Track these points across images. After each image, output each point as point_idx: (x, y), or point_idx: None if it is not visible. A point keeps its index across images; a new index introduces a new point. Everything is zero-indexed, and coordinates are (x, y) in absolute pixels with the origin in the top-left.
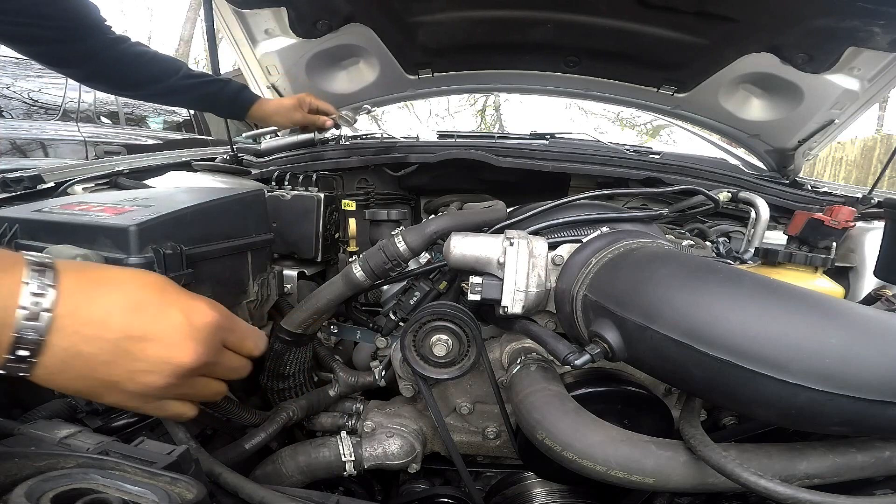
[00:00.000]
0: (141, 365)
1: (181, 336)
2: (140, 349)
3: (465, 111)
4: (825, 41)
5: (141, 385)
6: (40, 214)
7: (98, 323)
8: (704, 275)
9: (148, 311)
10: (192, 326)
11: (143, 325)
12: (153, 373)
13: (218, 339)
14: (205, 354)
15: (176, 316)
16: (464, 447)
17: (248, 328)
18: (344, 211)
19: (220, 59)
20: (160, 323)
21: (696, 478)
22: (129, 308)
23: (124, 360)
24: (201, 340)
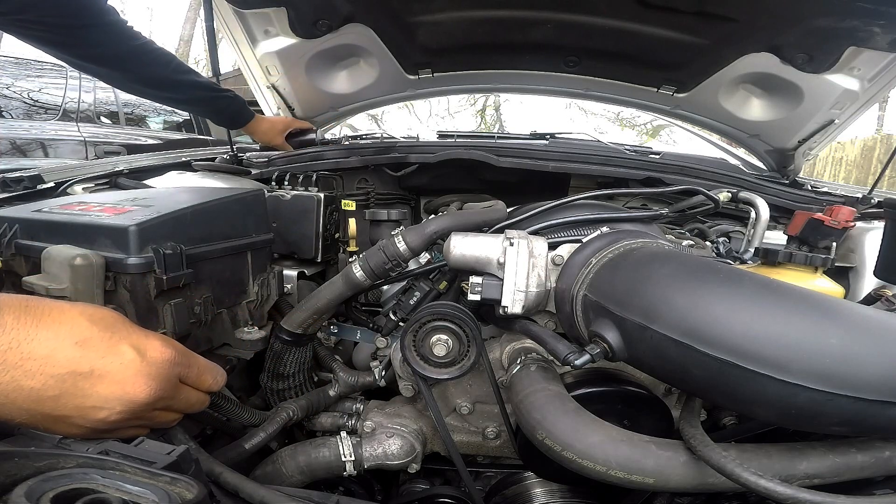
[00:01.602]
0: (91, 401)
1: (133, 372)
2: (89, 385)
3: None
4: (825, 41)
5: (92, 421)
6: (40, 214)
7: (42, 358)
8: (704, 275)
9: (97, 346)
10: (145, 362)
11: (91, 361)
12: (104, 409)
13: (173, 375)
14: (159, 391)
15: (127, 352)
16: (464, 447)
17: (205, 364)
18: (344, 211)
19: (220, 59)
20: (110, 359)
21: (696, 478)
22: (76, 343)
23: (72, 396)
24: (155, 377)
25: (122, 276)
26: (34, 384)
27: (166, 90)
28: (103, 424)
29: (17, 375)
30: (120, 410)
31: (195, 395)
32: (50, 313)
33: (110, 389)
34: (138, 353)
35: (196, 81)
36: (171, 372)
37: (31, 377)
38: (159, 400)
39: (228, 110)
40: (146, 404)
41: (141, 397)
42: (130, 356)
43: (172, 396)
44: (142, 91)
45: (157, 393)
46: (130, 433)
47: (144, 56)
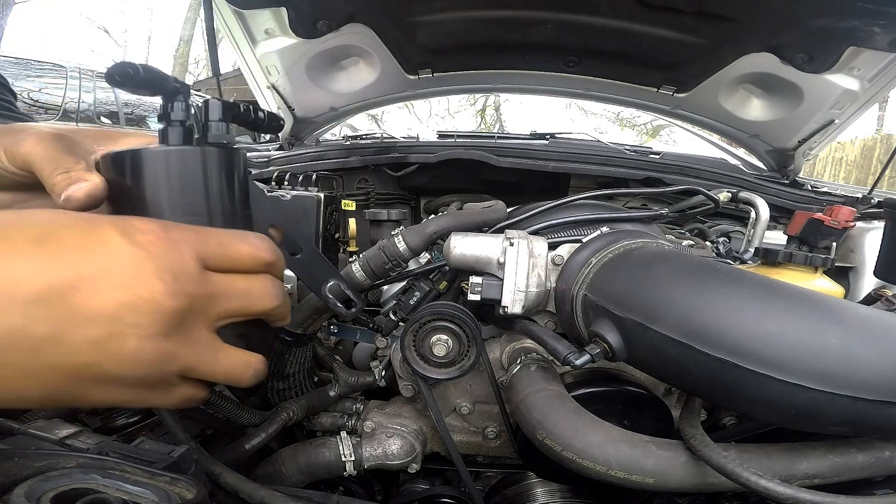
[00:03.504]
0: (100, 327)
1: (131, 262)
2: (86, 300)
3: (465, 111)
4: (825, 41)
5: (124, 362)
6: None
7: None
8: (704, 275)
9: (65, 239)
10: (137, 246)
11: (70, 262)
12: (128, 334)
13: (187, 256)
14: (181, 281)
15: (111, 236)
16: (464, 447)
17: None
18: (344, 211)
19: (220, 59)
20: (92, 252)
21: (696, 478)
22: (40, 243)
23: (72, 325)
24: (161, 262)
25: None
26: (16, 321)
27: None
28: (145, 365)
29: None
30: (149, 329)
31: (244, 281)
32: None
33: (114, 297)
34: (124, 235)
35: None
36: (180, 252)
37: (5, 311)
38: (193, 298)
39: None
40: (176, 309)
41: (163, 296)
42: (117, 241)
43: (208, 291)
44: None
45: (182, 285)
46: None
47: None
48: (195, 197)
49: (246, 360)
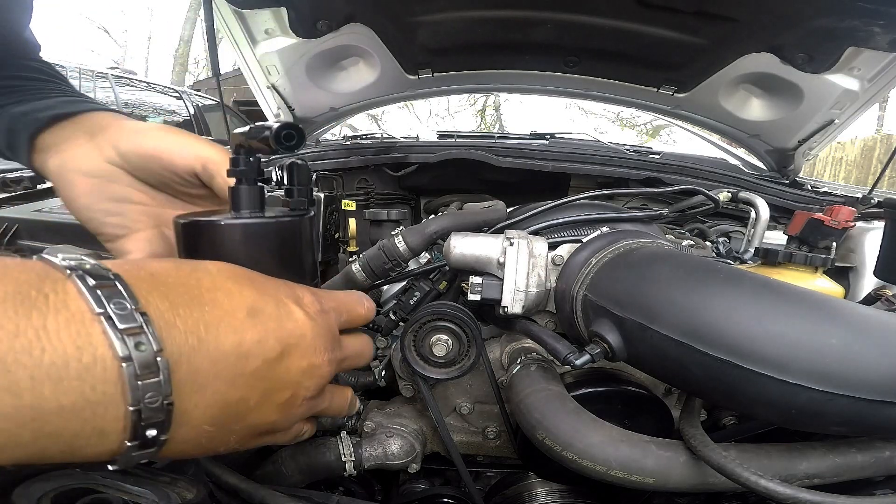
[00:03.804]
0: (287, 393)
1: (309, 335)
2: (284, 371)
3: (465, 111)
4: (825, 41)
5: (290, 420)
6: (40, 214)
7: (233, 353)
8: (704, 275)
9: (270, 314)
10: (309, 318)
11: (278, 337)
12: (298, 396)
13: (335, 325)
14: (335, 349)
15: (295, 310)
16: (464, 447)
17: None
18: (344, 211)
19: (220, 59)
20: (286, 326)
21: (696, 478)
22: (252, 317)
23: (272, 393)
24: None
25: None
26: (240, 394)
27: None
28: (297, 418)
29: (219, 388)
30: (313, 391)
31: (357, 342)
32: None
33: (299, 366)
34: (299, 306)
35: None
36: (331, 323)
37: (234, 385)
38: (337, 363)
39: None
40: (329, 374)
41: (326, 363)
42: (300, 316)
43: (343, 355)
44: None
45: (334, 353)
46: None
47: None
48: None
49: (346, 397)
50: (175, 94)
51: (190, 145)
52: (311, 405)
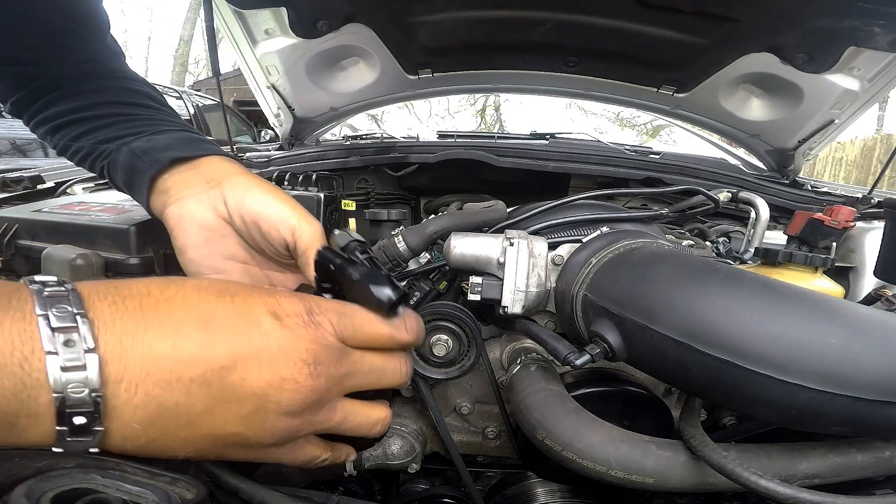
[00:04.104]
0: (249, 404)
1: (278, 346)
2: (239, 381)
3: (465, 111)
4: (825, 41)
5: (265, 433)
6: (40, 214)
7: (169, 357)
8: (704, 275)
9: (225, 322)
10: (286, 328)
11: (228, 344)
12: (269, 412)
13: (329, 337)
14: (323, 363)
15: (264, 319)
16: (464, 447)
17: (369, 315)
18: (344, 211)
19: (220, 59)
20: (247, 335)
21: (696, 478)
22: (198, 323)
23: (226, 402)
24: (308, 344)
25: (123, 277)
26: (177, 398)
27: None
28: (280, 434)
29: (150, 390)
30: (288, 407)
31: (380, 360)
32: (148, 290)
33: (262, 377)
34: (275, 317)
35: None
36: (323, 333)
37: (169, 388)
38: (330, 379)
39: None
40: (313, 389)
41: (304, 378)
42: (269, 323)
43: (346, 371)
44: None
45: (321, 367)
46: (309, 452)
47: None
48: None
49: (374, 418)
50: (175, 94)
51: (287, 217)
52: (301, 423)
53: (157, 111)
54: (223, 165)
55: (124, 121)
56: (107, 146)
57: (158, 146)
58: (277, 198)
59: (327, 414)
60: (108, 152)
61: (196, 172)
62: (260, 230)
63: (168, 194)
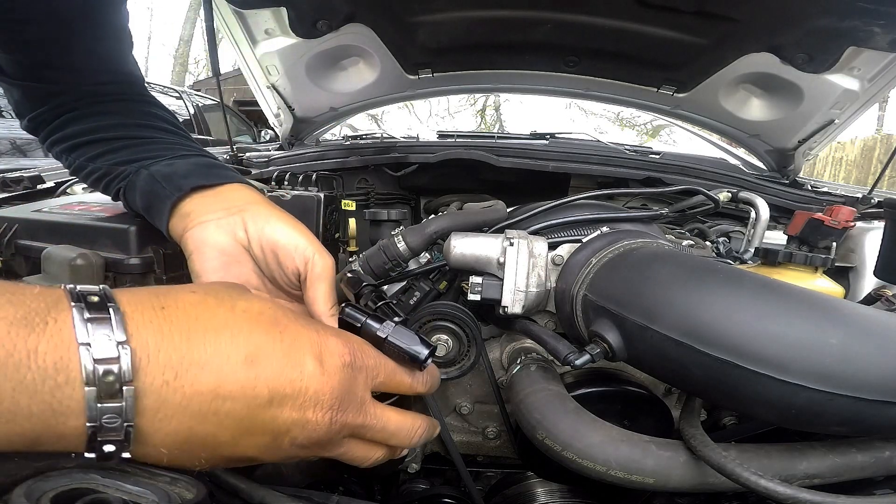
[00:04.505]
0: (269, 437)
1: (313, 391)
2: (269, 418)
3: (465, 111)
4: (825, 41)
5: (273, 456)
6: (40, 214)
7: (209, 392)
8: (704, 275)
9: (271, 359)
10: (326, 375)
11: (269, 383)
12: (283, 444)
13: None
14: (347, 411)
15: (308, 363)
16: (464, 447)
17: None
18: (344, 211)
19: (220, 59)
20: (288, 375)
21: (696, 478)
22: (246, 359)
23: (251, 435)
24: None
25: (123, 277)
26: (209, 430)
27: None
28: (285, 456)
29: (185, 421)
30: (301, 441)
31: (394, 420)
32: (197, 314)
33: (291, 417)
34: (318, 361)
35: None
36: (356, 383)
37: (204, 420)
38: (344, 426)
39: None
40: (329, 432)
41: (325, 423)
42: (311, 369)
43: (361, 422)
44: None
45: (342, 415)
46: (358, 453)
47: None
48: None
49: (368, 457)
50: (175, 94)
51: (304, 248)
52: (306, 450)
53: (174, 135)
54: (244, 193)
55: (142, 144)
56: (124, 168)
57: (179, 172)
58: (296, 229)
59: (331, 448)
60: (124, 175)
61: (217, 199)
62: (277, 258)
63: (189, 218)
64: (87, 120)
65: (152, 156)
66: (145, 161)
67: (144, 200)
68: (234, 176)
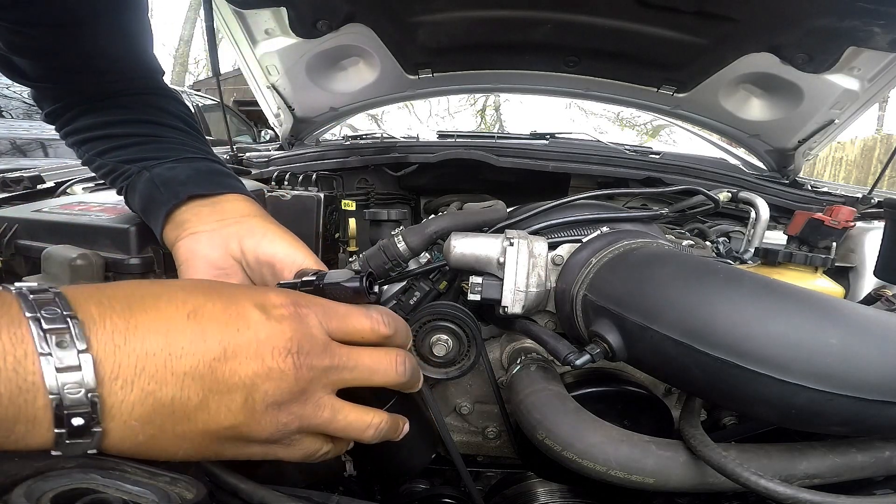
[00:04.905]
0: (240, 396)
1: (265, 337)
2: (229, 372)
3: (465, 111)
4: (825, 41)
5: (258, 427)
6: (40, 214)
7: (161, 353)
8: (704, 275)
9: (213, 315)
10: (273, 320)
11: (218, 336)
12: (257, 400)
13: (312, 326)
14: (306, 353)
15: (251, 312)
16: (464, 447)
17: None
18: (344, 211)
19: (220, 59)
20: (234, 326)
21: (696, 478)
22: (189, 318)
23: (219, 395)
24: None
25: (122, 277)
26: (172, 393)
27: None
28: (271, 427)
29: (146, 386)
30: (275, 396)
31: (368, 355)
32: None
33: (250, 368)
34: (261, 309)
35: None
36: (307, 324)
37: (163, 383)
38: (314, 369)
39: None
40: (298, 379)
41: (290, 368)
42: (256, 316)
43: (330, 363)
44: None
45: (305, 357)
46: (309, 446)
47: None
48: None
49: (363, 420)
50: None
51: (300, 259)
52: (290, 415)
53: (185, 133)
54: (240, 205)
55: (148, 142)
56: (128, 167)
57: (178, 178)
58: (293, 243)
59: (314, 409)
60: (128, 174)
61: (213, 209)
62: (273, 270)
63: (182, 227)
64: (99, 114)
65: (157, 156)
66: (149, 161)
67: (142, 204)
68: (232, 185)
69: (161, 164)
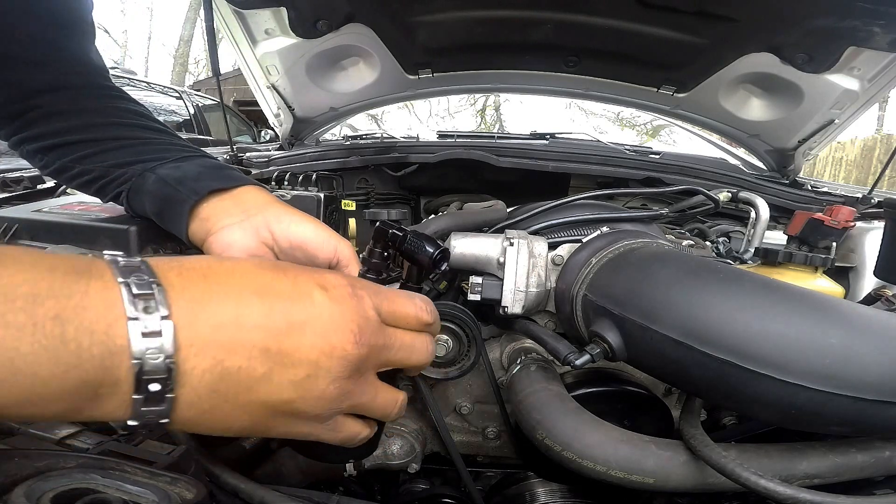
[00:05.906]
0: (302, 370)
1: (328, 315)
2: (293, 347)
3: (465, 111)
4: (825, 41)
5: (314, 401)
6: (40, 214)
7: (232, 324)
8: (704, 275)
9: (280, 291)
10: (335, 301)
11: (284, 311)
12: (320, 377)
13: (369, 310)
14: (365, 334)
15: (314, 291)
16: (464, 447)
17: (398, 293)
18: (344, 211)
19: (220, 59)
20: (300, 304)
21: (696, 478)
22: (256, 293)
23: (282, 367)
24: (352, 316)
25: None
26: (240, 363)
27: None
28: (326, 403)
29: (217, 355)
30: (337, 373)
31: (409, 337)
32: (208, 263)
33: (315, 344)
34: (323, 290)
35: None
36: (364, 305)
37: (232, 353)
38: (371, 348)
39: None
40: (358, 357)
41: (351, 345)
42: (319, 296)
43: (383, 343)
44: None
45: (364, 337)
46: (350, 428)
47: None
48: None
49: (394, 398)
50: (175, 94)
51: (329, 239)
52: (345, 392)
53: (164, 134)
54: (257, 195)
55: (136, 144)
56: (124, 171)
57: (190, 175)
58: (318, 225)
59: (363, 385)
60: (126, 178)
61: (234, 202)
62: (305, 253)
63: (209, 222)
64: (60, 118)
65: (155, 157)
66: (148, 163)
67: (156, 205)
68: (245, 178)
69: (163, 164)
